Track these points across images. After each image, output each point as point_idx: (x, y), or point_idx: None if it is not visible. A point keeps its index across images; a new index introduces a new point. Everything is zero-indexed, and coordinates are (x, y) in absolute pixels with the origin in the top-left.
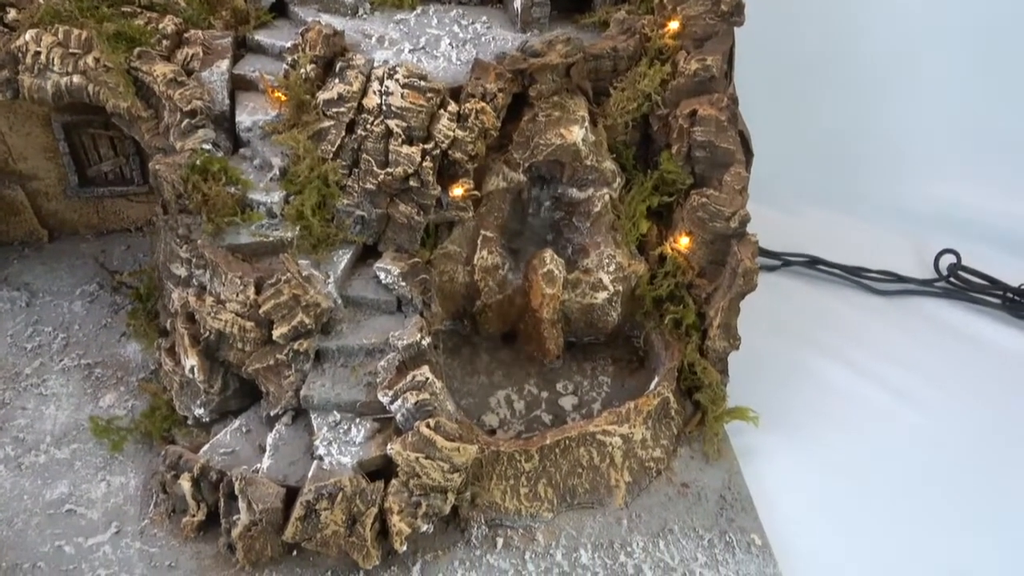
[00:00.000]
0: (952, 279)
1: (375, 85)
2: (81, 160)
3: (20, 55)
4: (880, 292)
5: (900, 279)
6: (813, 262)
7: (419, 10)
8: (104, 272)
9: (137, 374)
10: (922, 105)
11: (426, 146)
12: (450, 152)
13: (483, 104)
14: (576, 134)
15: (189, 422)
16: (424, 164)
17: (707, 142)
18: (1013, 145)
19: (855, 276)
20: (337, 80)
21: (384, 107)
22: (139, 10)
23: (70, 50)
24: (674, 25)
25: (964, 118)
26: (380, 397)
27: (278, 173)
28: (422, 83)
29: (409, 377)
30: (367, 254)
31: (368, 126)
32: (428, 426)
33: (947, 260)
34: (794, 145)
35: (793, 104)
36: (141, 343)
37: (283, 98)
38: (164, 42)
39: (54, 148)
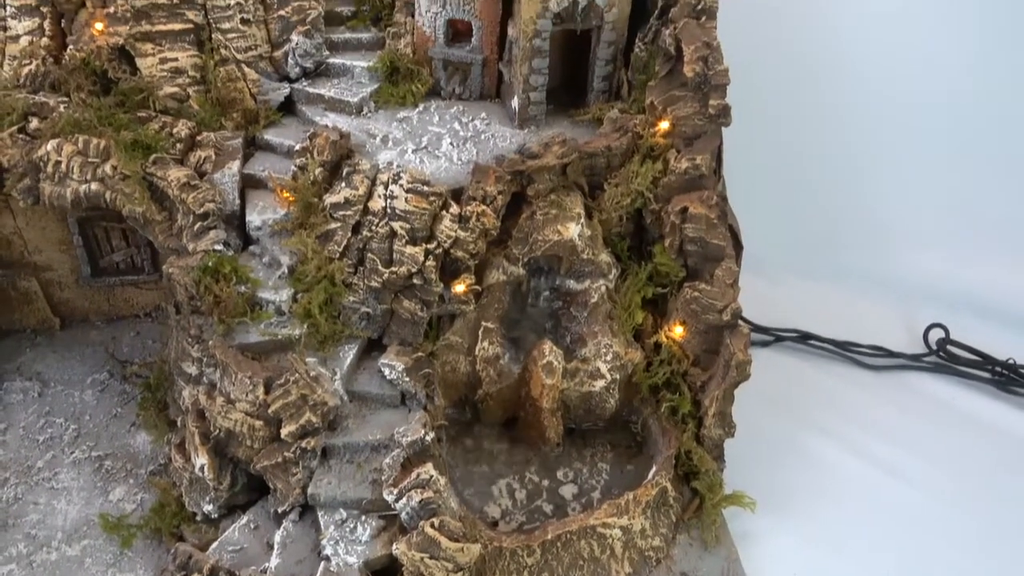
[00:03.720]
0: (941, 353)
1: (380, 189)
2: (94, 251)
3: (42, 164)
4: (871, 367)
5: (890, 354)
6: (804, 337)
7: (421, 107)
8: (114, 362)
9: (146, 466)
10: (910, 180)
11: (429, 246)
12: (452, 251)
13: (484, 207)
14: (572, 230)
15: (198, 518)
16: (427, 263)
17: (698, 238)
18: (999, 218)
19: (846, 351)
20: (344, 184)
21: (389, 210)
22: (154, 114)
23: (89, 159)
24: (664, 125)
25: (951, 192)
26: (385, 495)
27: (286, 271)
28: (425, 188)
29: (414, 475)
30: (372, 347)
31: (373, 227)
32: (432, 526)
33: (936, 334)
34: (785, 219)
35: (784, 179)
36: (151, 434)
37: (291, 199)
38: (178, 145)
39: (68, 241)
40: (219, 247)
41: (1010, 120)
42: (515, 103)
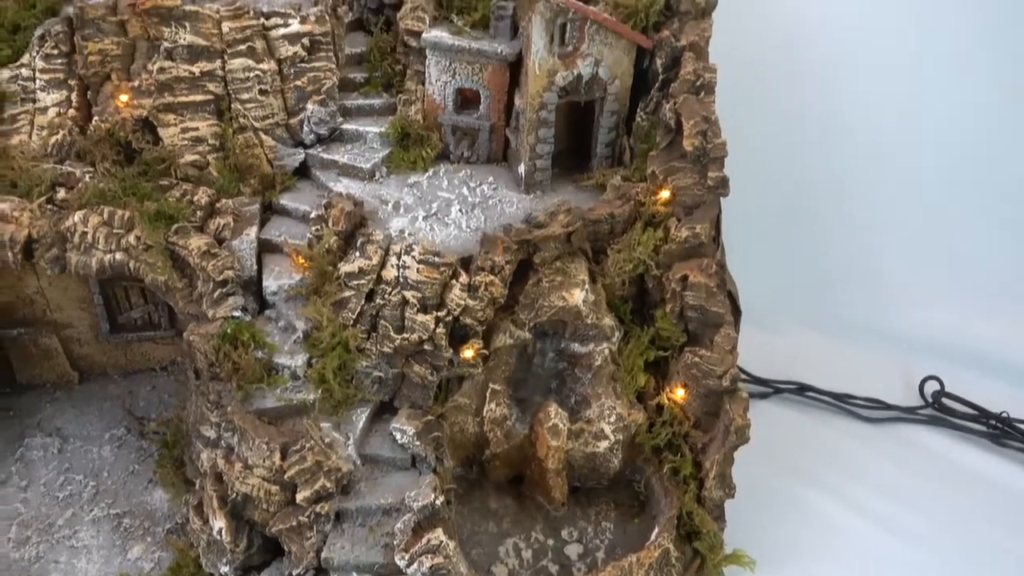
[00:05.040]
0: (936, 406)
1: (393, 259)
2: (113, 309)
3: (69, 235)
4: (867, 419)
5: (886, 406)
6: (802, 389)
7: (430, 172)
8: (132, 418)
9: (164, 524)
10: (906, 233)
11: (439, 314)
12: (461, 318)
13: (492, 277)
14: (577, 297)
15: None
16: (437, 331)
17: (698, 305)
18: (994, 271)
19: (843, 403)
20: (358, 254)
21: (401, 279)
22: (176, 182)
23: (114, 230)
24: (665, 194)
25: (946, 245)
26: (397, 560)
27: (301, 336)
28: (435, 259)
29: (424, 540)
30: (383, 409)
31: (386, 296)
32: None
33: (931, 387)
34: (784, 271)
35: (783, 231)
36: (168, 492)
37: (307, 265)
38: (198, 213)
39: (89, 299)
40: (237, 313)
41: (1007, 174)
42: (522, 169)
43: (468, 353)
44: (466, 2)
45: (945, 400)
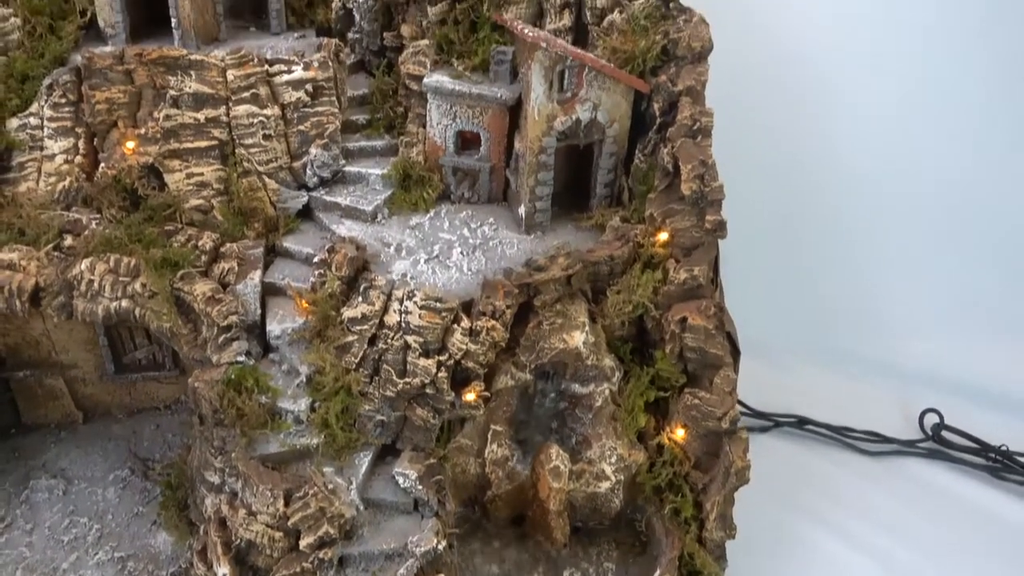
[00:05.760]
0: (936, 439)
1: (395, 304)
2: (118, 350)
3: (75, 283)
4: (867, 452)
5: (885, 439)
6: (801, 423)
7: (432, 213)
8: (136, 460)
9: (167, 567)
10: (906, 266)
11: (441, 358)
12: (463, 362)
13: (493, 322)
14: (577, 339)
15: None
16: (439, 375)
17: (697, 347)
18: (993, 304)
19: (842, 436)
20: (360, 299)
21: (403, 324)
22: (181, 226)
23: (120, 277)
24: (663, 236)
25: (945, 278)
26: None
27: (304, 380)
28: (437, 304)
29: None
30: (385, 451)
31: (388, 340)
32: None
33: (931, 420)
34: (783, 303)
35: (782, 264)
36: (172, 535)
37: (310, 309)
38: (203, 257)
39: (94, 340)
40: (241, 358)
41: (1006, 207)
42: (522, 210)
43: (470, 396)
44: (466, 47)
45: (945, 433)
